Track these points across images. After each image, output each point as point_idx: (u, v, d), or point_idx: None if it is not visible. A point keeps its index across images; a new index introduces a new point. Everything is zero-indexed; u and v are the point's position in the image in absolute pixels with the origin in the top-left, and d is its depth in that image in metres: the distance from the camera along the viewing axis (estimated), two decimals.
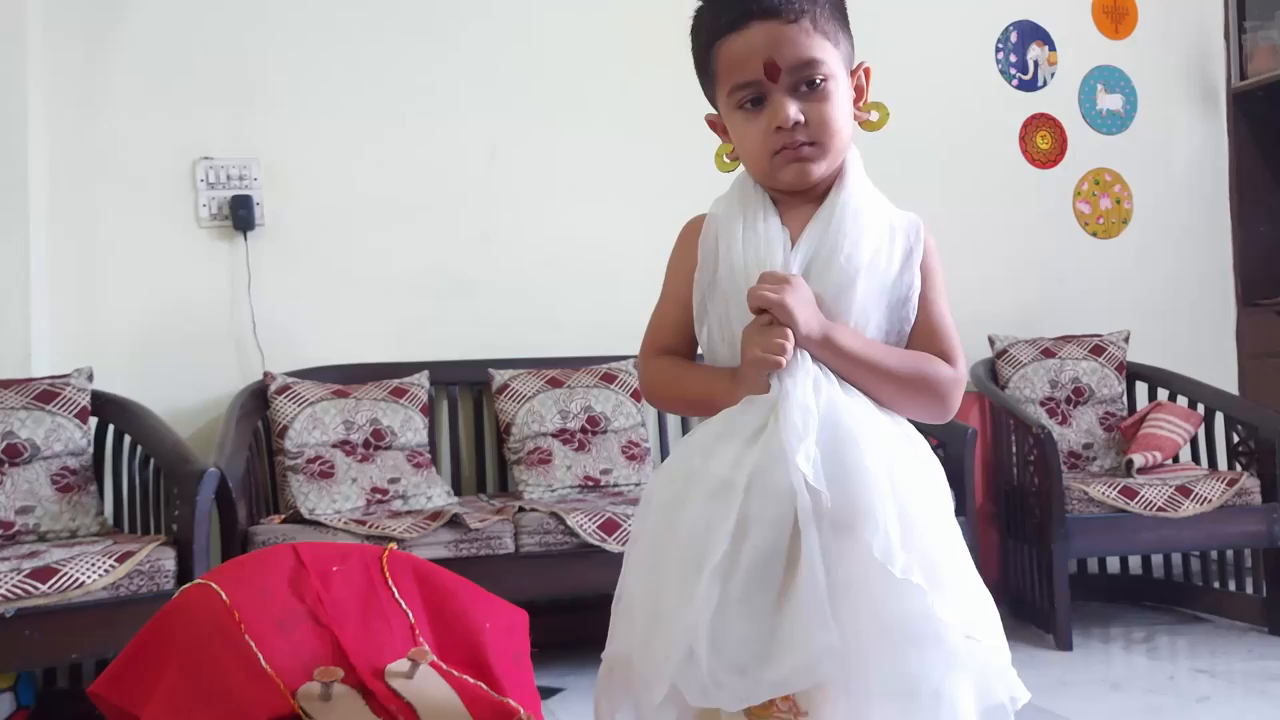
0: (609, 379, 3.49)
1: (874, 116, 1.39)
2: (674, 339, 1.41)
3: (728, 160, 1.42)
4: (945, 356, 1.35)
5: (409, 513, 2.97)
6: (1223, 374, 4.12)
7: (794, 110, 1.28)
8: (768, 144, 1.31)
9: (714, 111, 1.41)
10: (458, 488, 3.45)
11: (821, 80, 1.29)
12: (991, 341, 3.87)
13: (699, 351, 1.43)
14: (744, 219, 1.34)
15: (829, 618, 1.14)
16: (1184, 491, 3.24)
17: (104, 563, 2.38)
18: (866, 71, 1.39)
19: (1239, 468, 3.46)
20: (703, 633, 1.16)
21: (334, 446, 3.12)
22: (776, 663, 1.15)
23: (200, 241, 3.41)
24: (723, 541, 1.18)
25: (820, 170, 1.32)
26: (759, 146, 1.32)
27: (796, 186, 1.33)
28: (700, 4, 1.35)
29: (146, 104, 3.38)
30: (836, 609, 1.14)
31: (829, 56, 1.30)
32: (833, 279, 1.30)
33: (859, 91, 1.38)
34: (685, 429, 3.61)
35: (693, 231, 1.40)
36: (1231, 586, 3.57)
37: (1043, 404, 3.72)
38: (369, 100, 3.56)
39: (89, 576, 2.35)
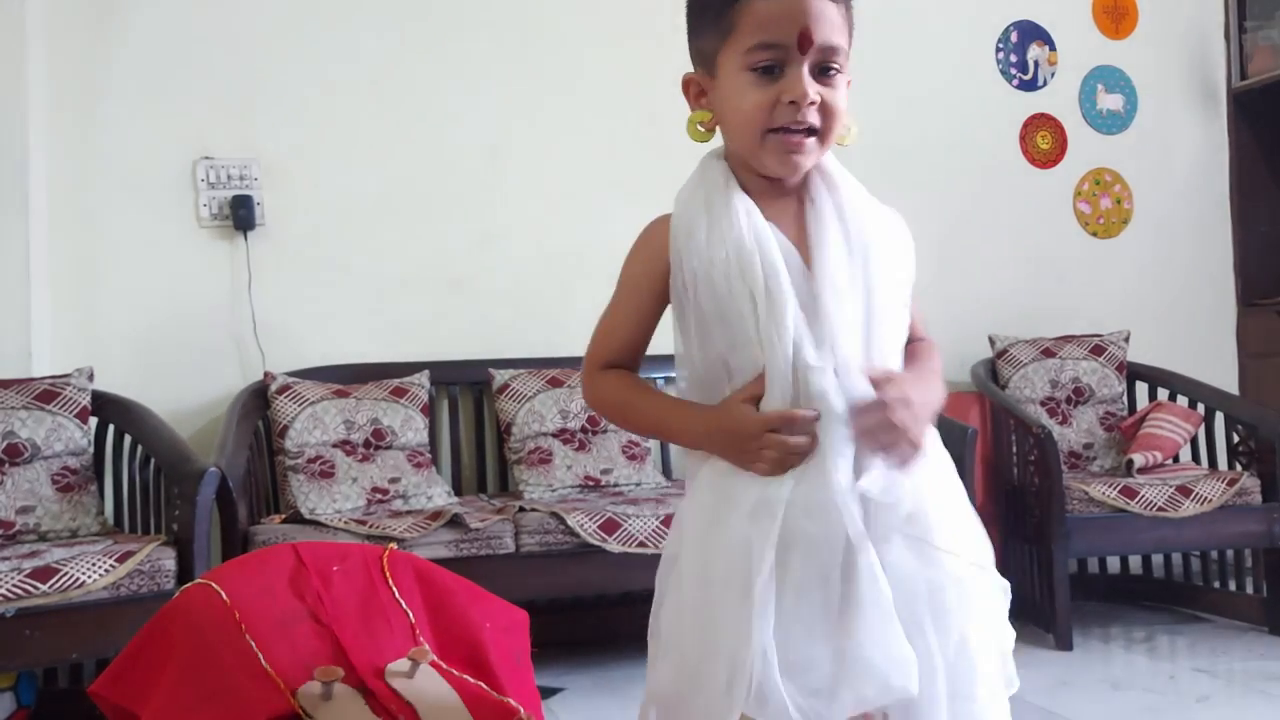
0: None
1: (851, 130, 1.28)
2: (622, 354, 1.33)
3: (703, 129, 1.29)
4: (926, 337, 1.36)
5: (409, 512, 2.97)
6: (1223, 374, 4.12)
7: (815, 91, 1.19)
8: (768, 118, 1.20)
9: (693, 72, 1.29)
10: (458, 487, 3.45)
11: (837, 70, 1.22)
12: (992, 341, 3.87)
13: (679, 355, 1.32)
14: (710, 214, 1.23)
15: (901, 633, 1.14)
16: (1184, 491, 3.24)
17: (104, 562, 2.38)
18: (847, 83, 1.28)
19: (1239, 467, 3.46)
20: (771, 656, 1.13)
21: (334, 446, 3.12)
22: (855, 682, 1.13)
23: (200, 241, 3.41)
24: (767, 557, 1.14)
25: (808, 163, 1.23)
26: (756, 118, 1.20)
27: (779, 174, 1.23)
28: None
29: (146, 104, 3.38)
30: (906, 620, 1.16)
31: (846, 49, 1.23)
32: (878, 289, 1.21)
33: None
34: None
35: (658, 235, 1.27)
36: (1231, 586, 3.56)
37: (1043, 404, 3.72)
38: (369, 100, 3.56)
39: (89, 576, 2.35)
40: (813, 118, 1.19)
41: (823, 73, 1.20)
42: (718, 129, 1.29)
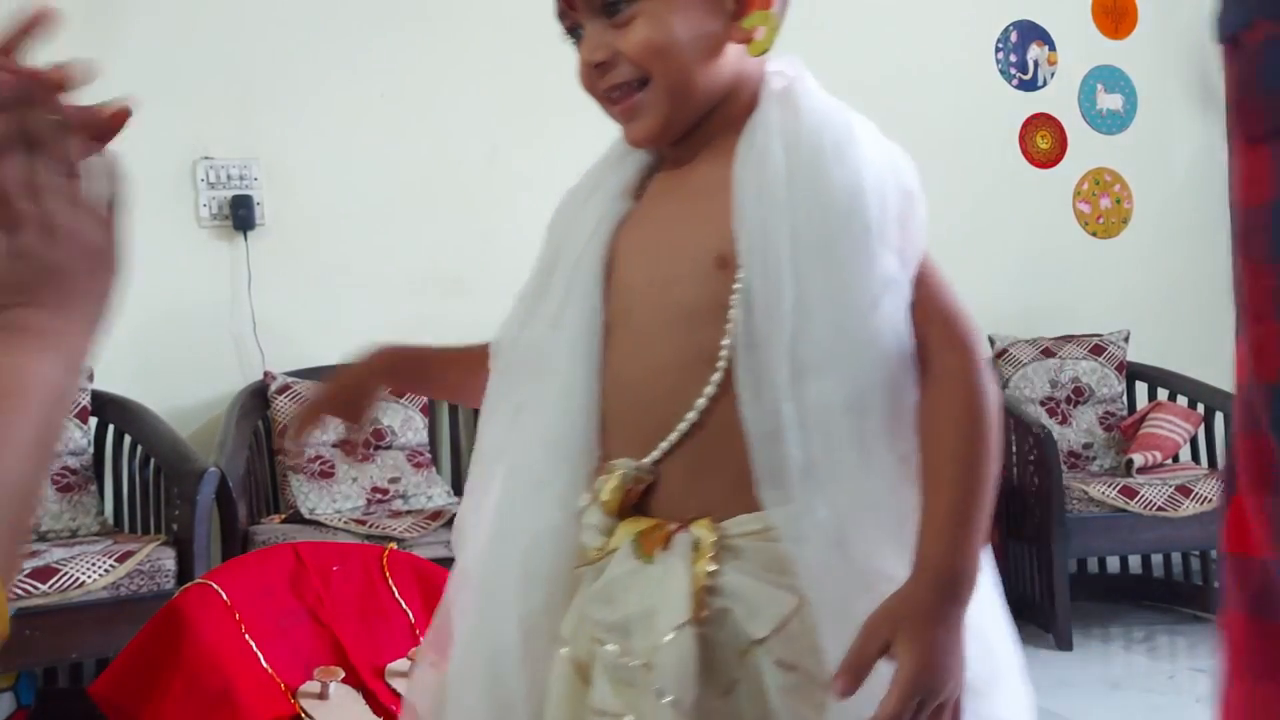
0: None
1: (759, 34, 0.99)
2: None
3: None
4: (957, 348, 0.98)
5: (409, 512, 2.97)
6: (1223, 374, 4.11)
7: (592, 48, 1.01)
8: (591, 88, 1.04)
9: None
10: (458, 487, 3.45)
11: (625, 4, 0.98)
12: (991, 341, 3.88)
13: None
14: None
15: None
16: (1184, 491, 3.24)
17: (104, 562, 2.38)
18: None
19: None
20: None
21: (334, 446, 3.12)
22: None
23: (200, 241, 3.41)
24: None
25: (654, 117, 1.00)
26: (588, 90, 1.04)
27: (639, 146, 1.05)
28: None
29: (146, 104, 3.34)
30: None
31: None
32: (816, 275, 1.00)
33: (740, 8, 0.99)
34: None
35: None
36: None
37: (1043, 403, 3.72)
38: (369, 100, 3.55)
39: (89, 576, 2.35)
40: (620, 75, 1.00)
41: (613, 15, 0.99)
42: None
